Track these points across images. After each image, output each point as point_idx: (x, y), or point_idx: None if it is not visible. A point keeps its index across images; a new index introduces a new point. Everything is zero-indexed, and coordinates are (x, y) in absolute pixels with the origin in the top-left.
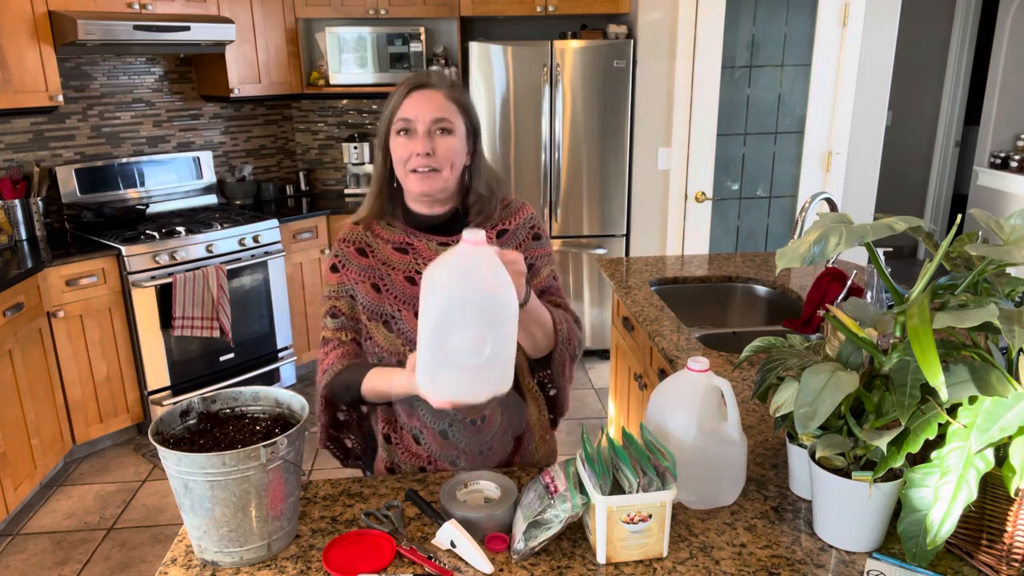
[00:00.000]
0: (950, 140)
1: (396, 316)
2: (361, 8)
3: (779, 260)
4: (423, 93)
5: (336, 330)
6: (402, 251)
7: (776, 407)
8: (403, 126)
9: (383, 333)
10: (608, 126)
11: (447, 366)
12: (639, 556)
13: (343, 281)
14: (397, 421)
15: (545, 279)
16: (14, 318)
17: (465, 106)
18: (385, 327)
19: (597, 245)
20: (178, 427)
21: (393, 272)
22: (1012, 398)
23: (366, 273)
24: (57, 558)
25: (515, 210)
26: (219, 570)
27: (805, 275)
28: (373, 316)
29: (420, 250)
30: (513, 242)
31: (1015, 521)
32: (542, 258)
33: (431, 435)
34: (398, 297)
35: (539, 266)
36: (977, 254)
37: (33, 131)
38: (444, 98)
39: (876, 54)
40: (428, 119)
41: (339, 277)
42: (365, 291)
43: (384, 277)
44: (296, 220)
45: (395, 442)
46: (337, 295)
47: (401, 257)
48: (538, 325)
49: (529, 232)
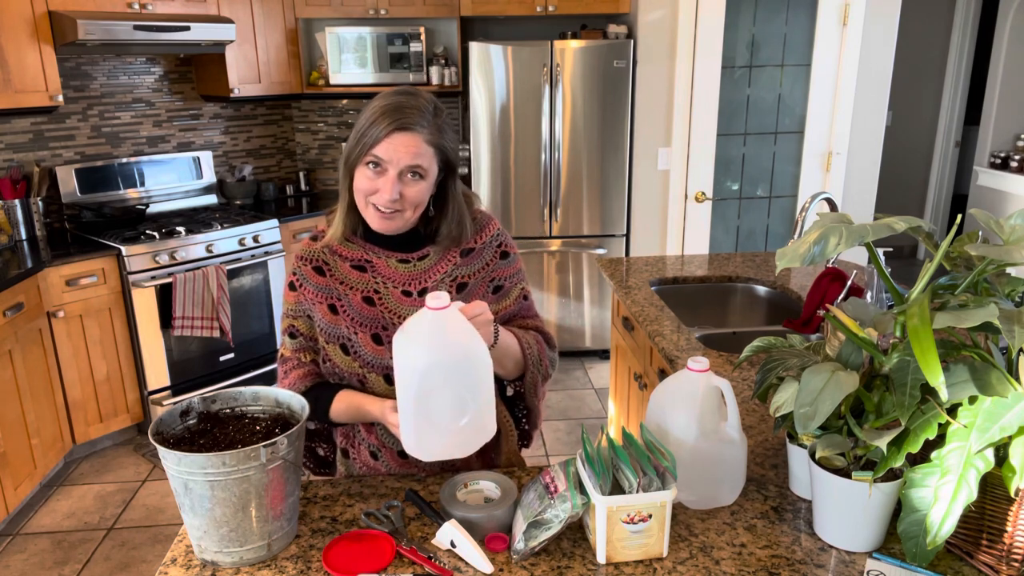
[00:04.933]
0: (950, 140)
1: (352, 339)
2: (361, 8)
3: (779, 260)
4: (404, 137)
5: (295, 350)
6: (360, 269)
7: (776, 407)
8: (375, 161)
9: (340, 355)
10: (608, 126)
11: (431, 431)
12: (639, 556)
13: (300, 300)
14: (355, 436)
15: (515, 301)
16: (14, 318)
17: (443, 148)
18: (342, 350)
19: (597, 245)
20: (178, 427)
21: (351, 292)
22: (1012, 398)
23: (323, 293)
24: (57, 558)
25: (481, 227)
26: (219, 570)
27: (805, 275)
28: (330, 339)
29: (379, 267)
30: (480, 261)
31: (1015, 521)
32: (511, 278)
33: (389, 453)
34: (354, 319)
35: (508, 287)
36: (977, 254)
37: (33, 131)
38: (423, 143)
39: (876, 54)
40: (403, 164)
41: (296, 296)
42: (322, 312)
43: (341, 297)
44: (296, 220)
45: (352, 456)
46: (295, 314)
47: (359, 276)
48: (508, 357)
49: (496, 251)
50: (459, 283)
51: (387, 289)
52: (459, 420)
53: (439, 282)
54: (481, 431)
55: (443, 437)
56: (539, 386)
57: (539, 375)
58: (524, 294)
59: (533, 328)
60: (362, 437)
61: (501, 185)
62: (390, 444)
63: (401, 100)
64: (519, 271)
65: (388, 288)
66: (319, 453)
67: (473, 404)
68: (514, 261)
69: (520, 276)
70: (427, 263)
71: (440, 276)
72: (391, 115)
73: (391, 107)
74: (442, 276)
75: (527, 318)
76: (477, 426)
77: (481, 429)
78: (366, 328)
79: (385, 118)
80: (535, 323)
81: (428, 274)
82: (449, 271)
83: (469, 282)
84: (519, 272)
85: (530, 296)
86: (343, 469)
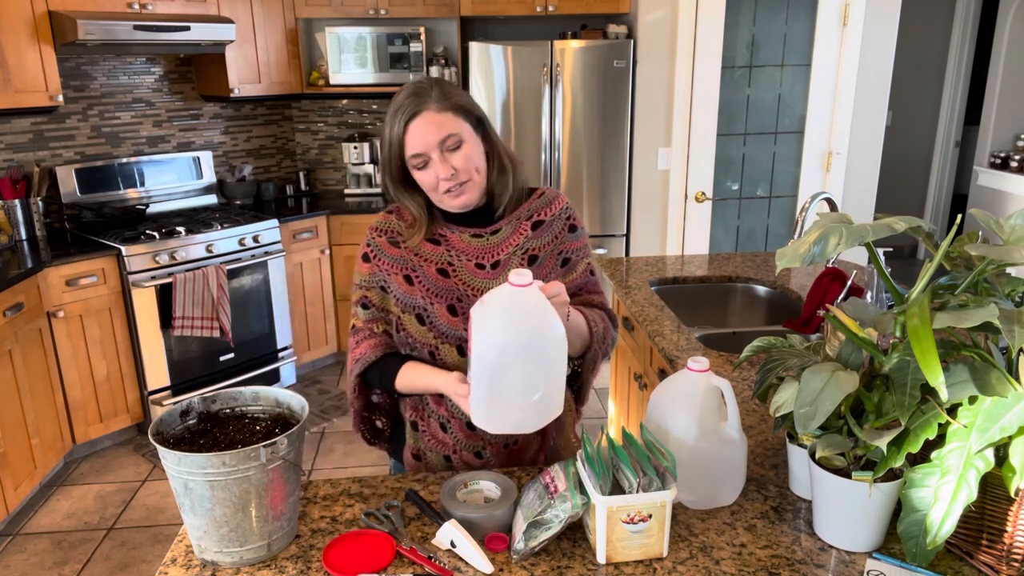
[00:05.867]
0: (950, 140)
1: (428, 309)
2: (361, 8)
3: (779, 260)
4: (420, 121)
5: (368, 321)
6: (435, 242)
7: (776, 407)
8: (417, 162)
9: (415, 326)
10: (608, 126)
11: (501, 405)
12: (639, 556)
13: (375, 271)
14: (425, 409)
15: (581, 274)
16: (14, 318)
17: (462, 108)
18: (417, 320)
19: (597, 245)
20: (178, 427)
21: (425, 264)
22: (1012, 398)
23: (398, 264)
24: (57, 558)
25: (549, 200)
26: (219, 570)
27: (805, 275)
28: (406, 308)
29: (453, 242)
30: (549, 233)
31: (1015, 521)
32: (578, 251)
33: (458, 424)
34: (430, 289)
35: (575, 260)
36: (977, 254)
37: (33, 131)
38: (440, 114)
39: (876, 54)
40: (435, 144)
41: (371, 267)
42: (397, 283)
43: (416, 268)
44: (296, 220)
45: (422, 429)
46: (368, 285)
47: (433, 248)
48: (576, 334)
49: (565, 224)
50: (530, 255)
51: (461, 262)
52: (530, 396)
53: (511, 255)
54: (548, 409)
55: (512, 412)
56: (599, 363)
57: (601, 352)
58: (590, 268)
59: (598, 305)
60: (431, 409)
61: None
62: (460, 415)
63: (399, 100)
64: (585, 245)
65: (462, 261)
66: (377, 425)
67: (545, 382)
68: (581, 235)
69: (587, 251)
70: (499, 237)
71: (512, 249)
72: (398, 114)
73: (395, 109)
74: (514, 249)
75: (593, 293)
76: (546, 404)
77: (549, 407)
78: (442, 299)
79: (396, 119)
80: (600, 299)
81: (501, 247)
82: (521, 244)
83: (540, 255)
84: (586, 246)
85: (596, 271)
86: (411, 441)
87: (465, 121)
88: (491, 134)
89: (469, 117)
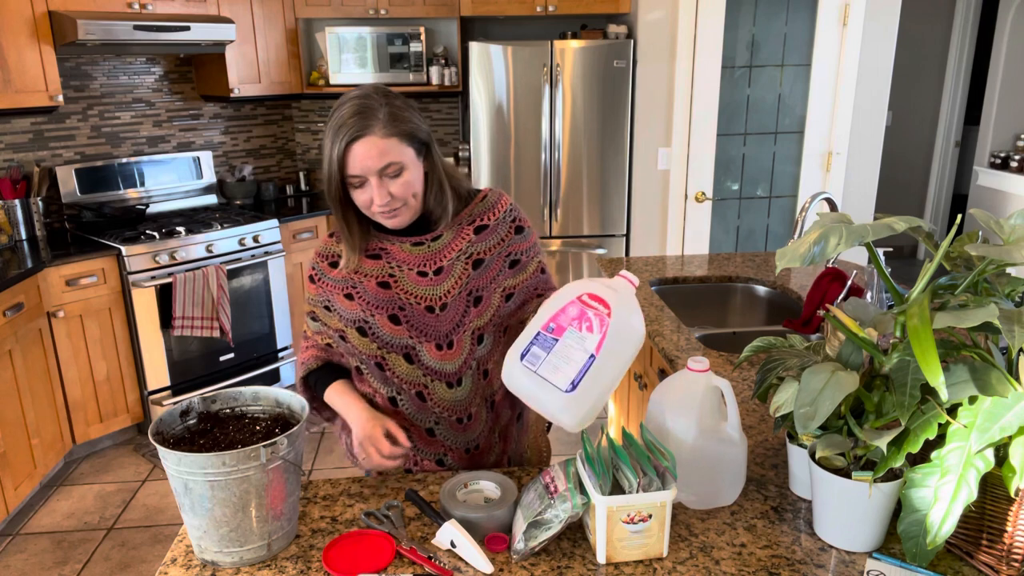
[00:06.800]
0: (950, 140)
1: (369, 321)
2: (361, 8)
3: (779, 260)
4: (363, 145)
5: (315, 333)
6: (375, 257)
7: (776, 407)
8: (355, 182)
9: (358, 338)
10: (608, 126)
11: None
12: (639, 556)
13: (319, 292)
14: None
15: (532, 275)
16: (14, 318)
17: (408, 134)
18: (359, 332)
19: (597, 245)
20: (178, 427)
21: (366, 280)
22: (1012, 398)
23: (339, 285)
24: (57, 558)
25: (492, 203)
26: (219, 570)
27: (805, 275)
28: (348, 323)
29: (394, 253)
30: (495, 237)
31: (1015, 521)
32: (527, 252)
33: (417, 432)
34: (370, 302)
35: (525, 261)
36: (977, 254)
37: (33, 131)
38: (385, 140)
39: (876, 54)
40: (375, 169)
41: (316, 288)
42: (339, 301)
43: (356, 285)
44: (296, 220)
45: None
46: (315, 303)
47: (374, 264)
48: None
49: (511, 226)
50: (475, 260)
51: (402, 271)
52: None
53: (454, 260)
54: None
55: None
56: None
57: None
58: (541, 267)
59: None
60: None
61: (501, 185)
62: (418, 422)
63: (343, 114)
64: (534, 245)
65: (403, 271)
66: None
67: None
68: (529, 235)
69: (536, 250)
70: (441, 243)
71: (455, 254)
72: (340, 133)
73: (337, 125)
74: (457, 254)
75: (547, 291)
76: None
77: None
78: (382, 310)
79: (337, 138)
80: None
81: (443, 253)
82: (464, 248)
83: (485, 258)
84: (535, 246)
85: (547, 270)
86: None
87: (409, 146)
88: (434, 155)
89: (414, 142)
